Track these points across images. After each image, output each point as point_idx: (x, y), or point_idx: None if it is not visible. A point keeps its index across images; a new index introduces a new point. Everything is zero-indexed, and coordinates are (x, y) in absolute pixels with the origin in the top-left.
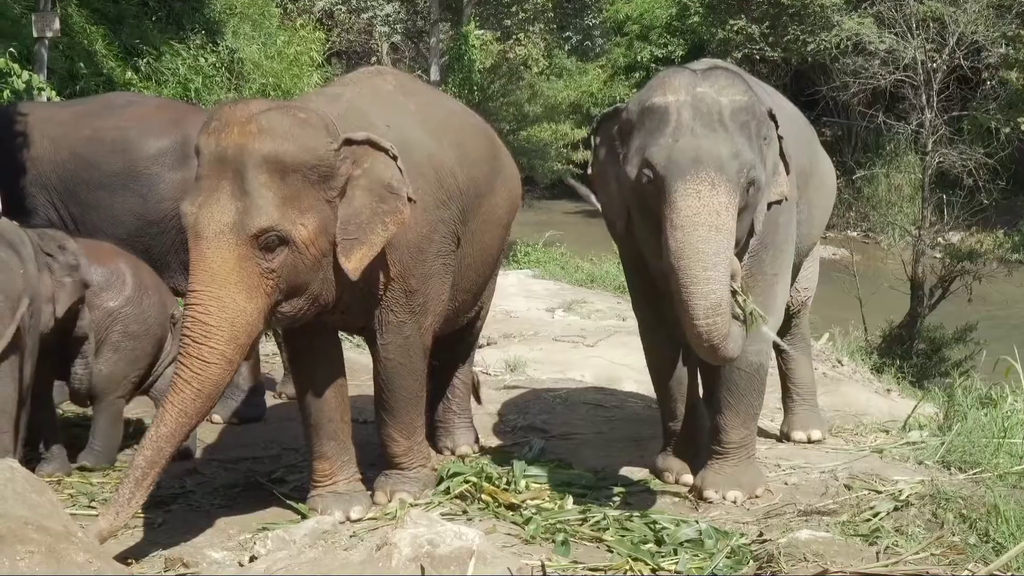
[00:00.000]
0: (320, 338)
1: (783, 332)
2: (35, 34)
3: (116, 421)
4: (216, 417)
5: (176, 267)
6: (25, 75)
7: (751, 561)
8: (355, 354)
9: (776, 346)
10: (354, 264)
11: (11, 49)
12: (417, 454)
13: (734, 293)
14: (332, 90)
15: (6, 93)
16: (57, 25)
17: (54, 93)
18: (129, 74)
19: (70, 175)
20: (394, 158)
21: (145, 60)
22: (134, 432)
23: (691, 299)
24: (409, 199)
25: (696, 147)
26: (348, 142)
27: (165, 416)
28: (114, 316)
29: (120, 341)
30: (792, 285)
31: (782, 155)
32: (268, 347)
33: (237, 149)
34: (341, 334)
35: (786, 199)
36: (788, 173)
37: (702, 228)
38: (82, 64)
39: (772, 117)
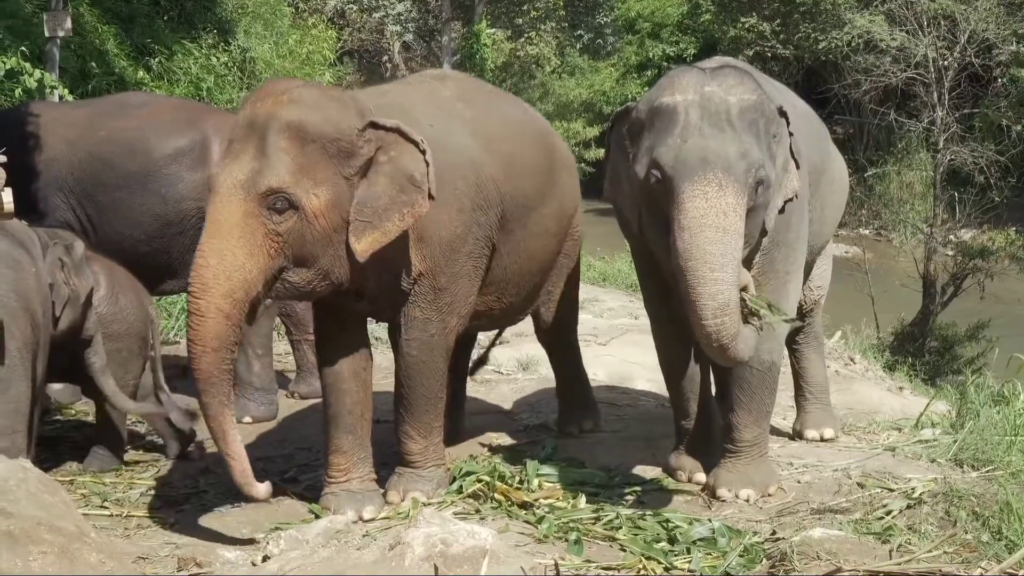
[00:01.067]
0: (349, 327)
1: (797, 331)
2: (47, 33)
3: (117, 422)
4: None
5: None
6: (37, 74)
7: (764, 560)
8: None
9: (788, 344)
10: (363, 247)
11: (23, 48)
12: (432, 454)
13: (744, 289)
14: (383, 87)
15: (18, 92)
16: (69, 24)
17: (67, 92)
18: (141, 73)
19: (87, 176)
20: (423, 152)
21: (157, 59)
22: (145, 433)
23: (699, 300)
24: (430, 196)
25: (704, 147)
26: (375, 126)
27: (196, 383)
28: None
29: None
30: (805, 283)
31: (792, 153)
32: (280, 346)
33: (266, 116)
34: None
35: (797, 196)
36: (798, 170)
37: (709, 229)
38: (94, 63)
39: (783, 115)
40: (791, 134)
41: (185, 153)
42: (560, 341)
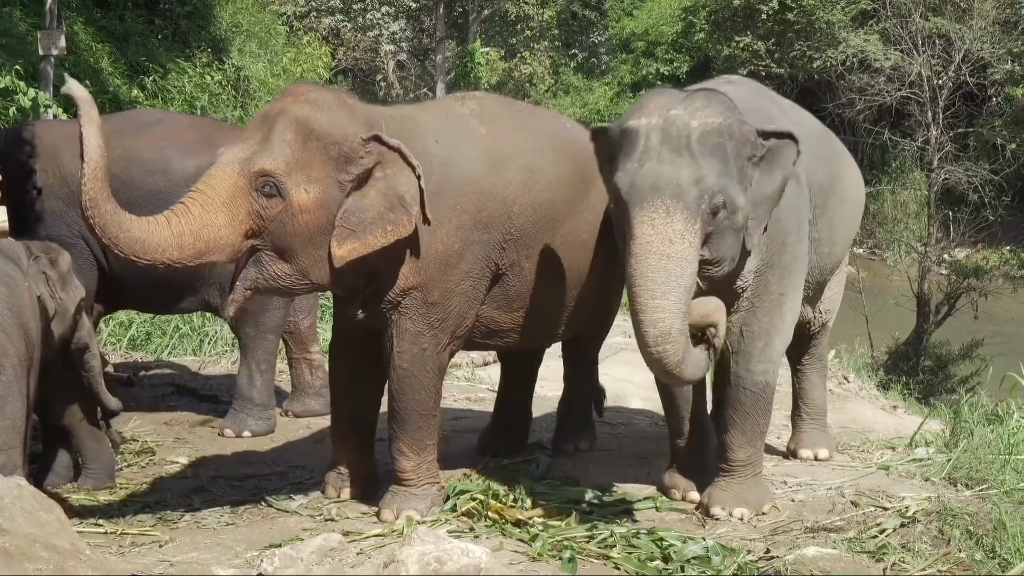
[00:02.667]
0: (358, 337)
1: (802, 351)
2: (41, 51)
3: (99, 439)
4: (228, 432)
5: (213, 283)
6: (31, 92)
7: None
8: None
9: (791, 363)
10: (342, 253)
11: (17, 67)
12: (426, 472)
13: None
14: (400, 105)
15: (12, 111)
16: (63, 43)
17: (60, 111)
18: (135, 92)
19: None
20: (418, 177)
21: (151, 78)
22: (140, 450)
23: (641, 327)
24: (426, 220)
25: (657, 173)
26: (379, 140)
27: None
28: None
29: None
30: (816, 305)
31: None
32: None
33: (280, 110)
34: None
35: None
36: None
37: (653, 256)
38: (88, 82)
39: (767, 136)
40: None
41: (204, 172)
42: (585, 355)
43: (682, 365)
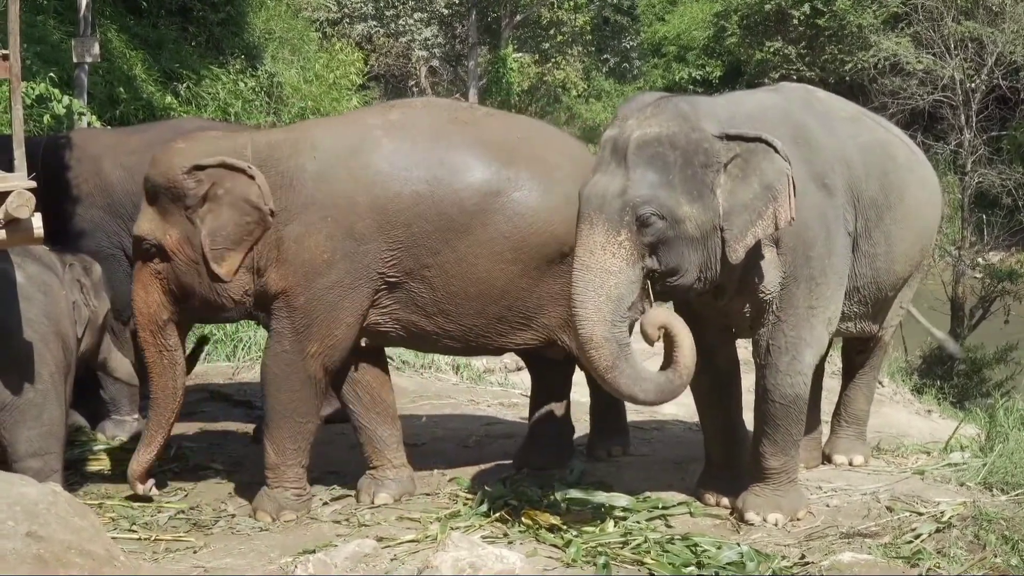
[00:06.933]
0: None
1: (856, 364)
2: (75, 59)
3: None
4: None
5: None
6: (65, 100)
7: None
8: (395, 376)
9: (847, 371)
10: (225, 269)
11: (51, 74)
12: (286, 474)
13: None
14: (315, 120)
15: (46, 118)
16: (97, 50)
17: (94, 118)
18: (169, 99)
19: None
20: (251, 177)
21: (185, 84)
22: (174, 456)
23: (573, 335)
24: (271, 212)
25: (593, 184)
26: (199, 167)
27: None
28: None
29: None
30: (880, 321)
31: (774, 181)
32: None
33: None
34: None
35: (793, 222)
36: (794, 197)
37: (577, 268)
38: (122, 89)
39: (745, 140)
40: (787, 160)
41: None
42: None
43: (612, 372)
